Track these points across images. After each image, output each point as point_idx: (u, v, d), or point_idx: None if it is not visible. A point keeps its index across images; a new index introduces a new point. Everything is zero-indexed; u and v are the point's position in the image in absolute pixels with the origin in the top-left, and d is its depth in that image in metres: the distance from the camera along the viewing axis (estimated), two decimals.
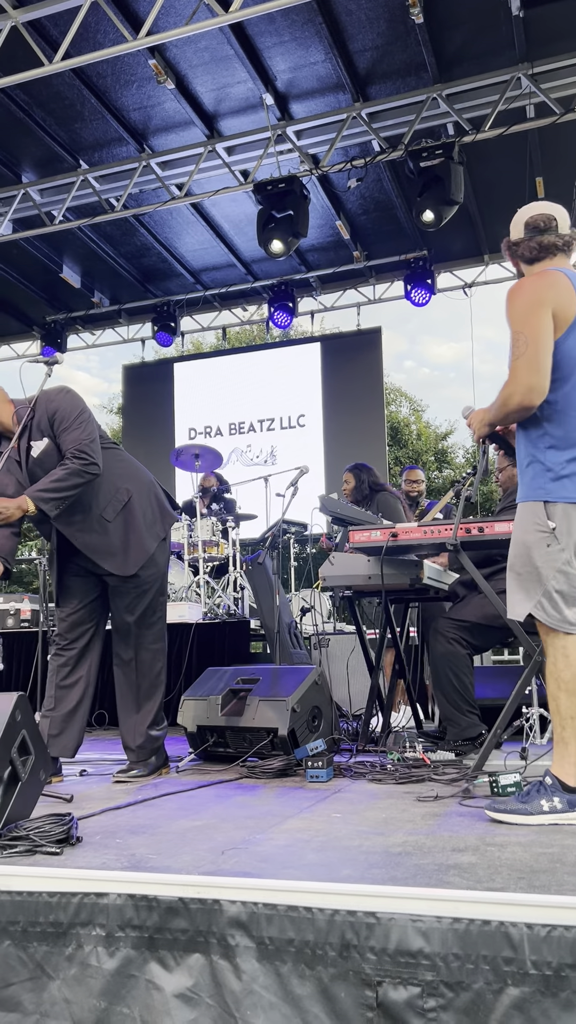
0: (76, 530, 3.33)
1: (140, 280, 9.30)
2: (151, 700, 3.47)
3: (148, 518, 3.44)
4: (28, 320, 10.12)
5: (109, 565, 3.35)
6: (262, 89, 6.20)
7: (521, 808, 2.36)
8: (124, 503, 3.38)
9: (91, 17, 5.29)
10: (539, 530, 2.43)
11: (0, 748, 2.25)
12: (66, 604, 3.48)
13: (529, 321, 2.36)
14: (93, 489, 3.31)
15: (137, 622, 3.44)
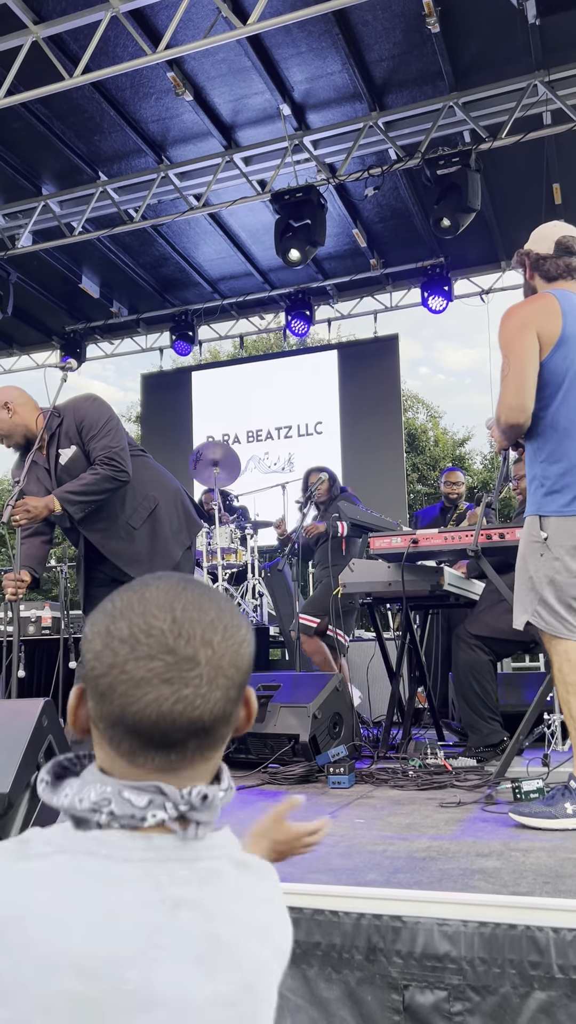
0: (103, 536, 3.36)
1: (158, 290, 9.37)
2: None
3: (174, 526, 3.46)
4: (48, 330, 10.22)
5: (135, 572, 3.36)
6: (279, 100, 6.25)
7: (545, 811, 2.37)
8: (151, 510, 3.41)
9: (110, 32, 5.36)
10: (533, 541, 2.49)
11: (27, 753, 2.28)
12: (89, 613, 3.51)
13: (513, 344, 2.45)
14: (120, 496, 3.34)
15: None
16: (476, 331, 39.02)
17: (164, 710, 0.72)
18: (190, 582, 0.80)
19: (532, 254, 2.61)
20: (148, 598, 0.77)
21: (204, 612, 0.76)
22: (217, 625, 0.76)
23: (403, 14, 5.45)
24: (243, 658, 0.78)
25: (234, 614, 0.79)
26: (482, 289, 9.03)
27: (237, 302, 9.67)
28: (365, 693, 5.27)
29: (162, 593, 0.77)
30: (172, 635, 0.74)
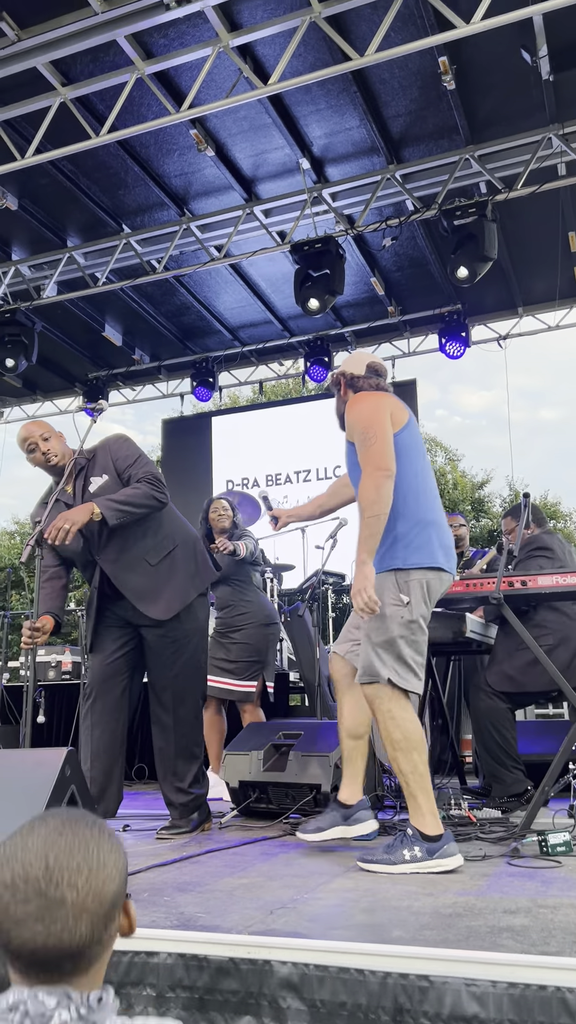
0: (119, 568, 3.36)
1: (179, 337, 9.53)
2: (191, 758, 3.45)
3: (190, 570, 3.48)
4: (71, 377, 10.39)
5: (144, 607, 3.36)
6: (299, 154, 6.41)
7: (385, 859, 2.54)
8: (169, 550, 3.44)
9: (136, 92, 5.54)
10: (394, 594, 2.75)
11: (50, 804, 2.28)
12: (99, 653, 3.46)
13: (374, 420, 2.79)
14: (142, 531, 3.38)
15: (175, 678, 3.41)
16: (492, 373, 39.29)
17: (39, 943, 0.91)
18: (67, 827, 0.97)
19: (348, 374, 3.07)
20: (29, 846, 0.94)
21: (72, 858, 0.94)
22: (83, 868, 0.94)
23: (419, 72, 5.61)
24: (106, 894, 0.95)
25: (101, 855, 0.96)
26: (499, 335, 9.11)
27: (257, 349, 9.80)
28: None
29: (40, 841, 0.94)
30: (44, 881, 0.91)
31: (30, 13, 5.06)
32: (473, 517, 21.30)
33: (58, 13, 5.03)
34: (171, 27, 5.11)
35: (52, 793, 2.29)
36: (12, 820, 2.19)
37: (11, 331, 7.84)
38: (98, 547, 3.37)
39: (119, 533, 3.34)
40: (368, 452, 2.75)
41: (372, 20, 4.98)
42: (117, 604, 3.43)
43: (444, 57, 5.28)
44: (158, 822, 3.69)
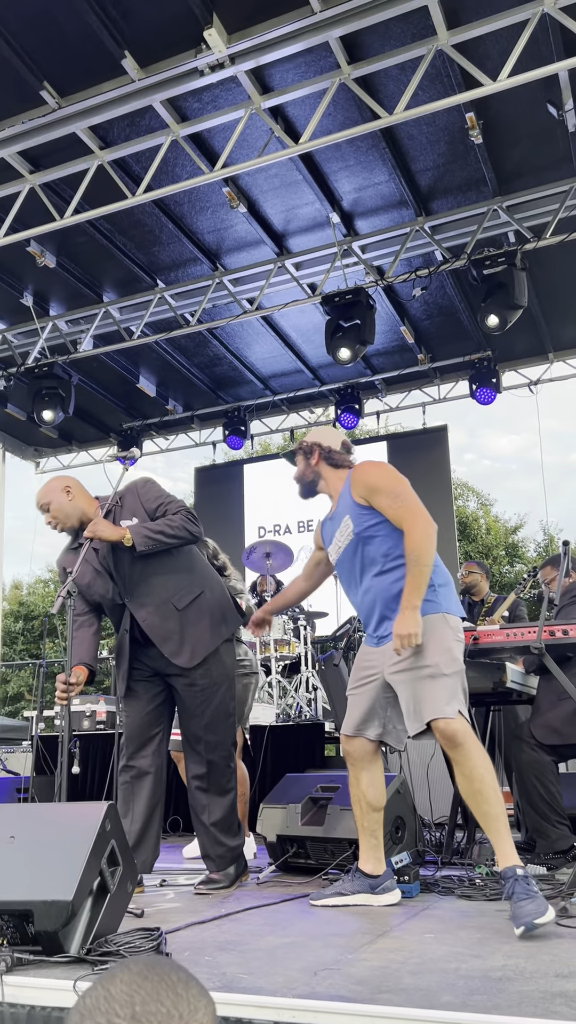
0: (147, 611, 3.37)
1: (212, 387, 9.67)
2: (227, 810, 3.41)
3: (215, 617, 3.46)
4: (106, 427, 10.56)
5: (169, 652, 3.35)
6: (328, 209, 6.55)
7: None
8: (196, 596, 3.43)
9: (170, 153, 5.72)
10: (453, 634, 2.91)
11: (90, 860, 2.26)
12: (133, 705, 3.47)
13: (401, 478, 3.02)
14: (170, 575, 3.39)
15: (206, 728, 3.38)
16: (522, 417, 39.22)
17: None
18: (152, 971, 0.88)
19: (325, 446, 3.30)
20: (112, 995, 0.85)
21: (161, 1003, 0.84)
22: (173, 1015, 0.84)
23: (447, 127, 5.73)
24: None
25: (191, 999, 0.86)
26: (530, 380, 9.12)
27: (288, 398, 9.91)
28: (425, 793, 5.11)
29: (124, 989, 0.85)
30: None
31: (70, 82, 5.26)
32: (507, 562, 21.09)
33: (97, 81, 5.23)
34: (205, 91, 5.28)
35: (92, 849, 2.26)
36: (53, 877, 2.18)
37: (49, 384, 8.01)
38: (127, 589, 3.39)
39: (147, 576, 3.36)
40: (408, 506, 2.92)
41: (400, 79, 5.12)
42: (146, 653, 3.43)
43: (471, 113, 5.40)
44: (195, 876, 3.64)
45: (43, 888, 2.19)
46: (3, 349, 8.47)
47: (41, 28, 4.87)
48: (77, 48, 4.99)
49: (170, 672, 3.42)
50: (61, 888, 2.18)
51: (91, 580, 3.39)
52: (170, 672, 3.42)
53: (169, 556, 3.41)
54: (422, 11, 4.69)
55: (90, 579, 3.39)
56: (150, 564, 3.37)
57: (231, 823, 3.42)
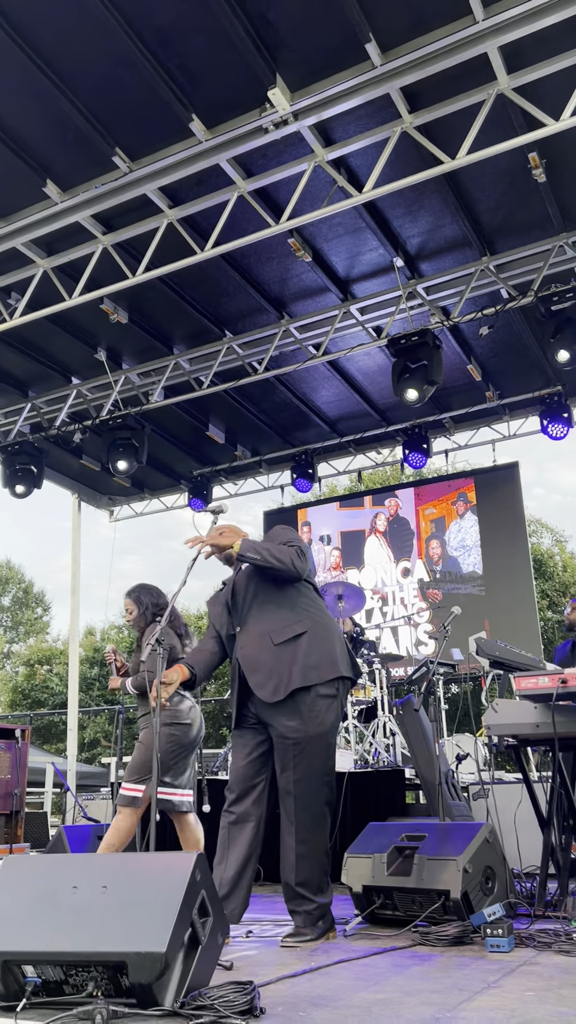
0: (246, 639, 3.49)
1: (279, 432, 9.77)
2: (316, 870, 3.35)
3: (311, 660, 3.41)
4: (176, 475, 10.75)
5: (254, 682, 3.41)
6: (392, 253, 6.62)
7: None
8: (296, 635, 3.44)
9: (237, 208, 5.88)
10: None
11: (182, 911, 2.25)
12: (236, 755, 3.55)
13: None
14: (275, 609, 3.49)
15: (295, 782, 3.35)
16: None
17: None
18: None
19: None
20: None
21: None
22: None
23: (509, 167, 5.75)
24: None
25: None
26: None
27: (355, 439, 9.94)
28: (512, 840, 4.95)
29: None
30: None
31: (140, 145, 5.48)
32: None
33: (166, 143, 5.44)
34: (269, 147, 5.43)
35: (183, 900, 2.25)
36: (145, 928, 2.18)
37: (123, 435, 8.22)
38: (240, 619, 3.55)
39: (256, 609, 3.50)
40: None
41: (461, 124, 5.17)
42: (251, 698, 3.47)
43: (534, 152, 5.42)
44: (281, 928, 3.59)
45: (136, 939, 2.19)
46: (79, 403, 8.74)
47: (112, 96, 5.10)
48: (146, 113, 5.20)
49: (269, 720, 3.44)
50: (154, 940, 2.17)
51: (220, 615, 3.65)
52: (269, 720, 3.44)
53: (277, 591, 3.52)
54: (481, 57, 4.75)
55: (220, 614, 3.65)
56: (259, 596, 3.53)
57: (321, 883, 3.36)
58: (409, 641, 9.51)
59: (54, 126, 5.30)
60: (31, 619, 31.06)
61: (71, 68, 4.91)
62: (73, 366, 8.34)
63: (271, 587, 3.52)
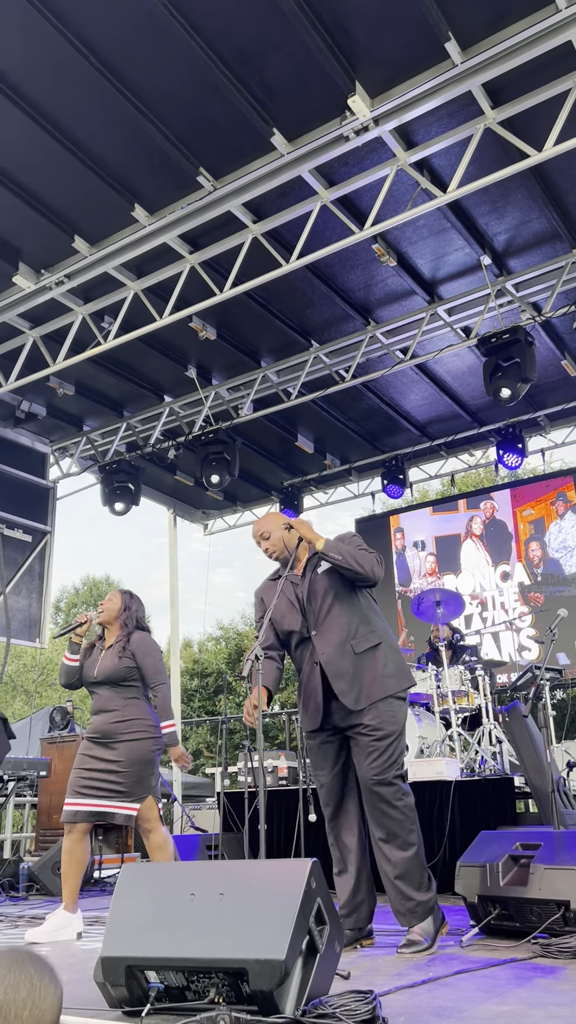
0: (327, 646, 3.49)
1: (368, 439, 9.74)
2: (412, 863, 3.36)
3: (388, 669, 3.51)
4: (267, 486, 10.85)
5: (339, 689, 3.43)
6: (479, 252, 6.52)
7: None
8: (373, 644, 3.52)
9: (320, 218, 5.90)
10: None
11: (299, 919, 2.25)
12: (321, 772, 3.61)
13: None
14: (351, 619, 3.52)
15: (380, 781, 3.38)
16: None
17: None
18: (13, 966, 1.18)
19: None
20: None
21: (18, 993, 1.15)
22: (27, 1003, 1.15)
23: None
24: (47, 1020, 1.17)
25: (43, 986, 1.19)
26: None
27: (446, 442, 9.81)
28: None
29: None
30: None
31: (223, 164, 5.58)
32: None
33: (248, 159, 5.51)
34: (350, 154, 5.44)
35: (300, 908, 2.25)
36: (264, 935, 2.18)
37: (215, 450, 8.36)
38: (315, 623, 3.53)
39: (334, 614, 3.52)
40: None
41: (546, 116, 5.06)
42: (327, 707, 3.50)
43: None
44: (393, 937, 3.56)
45: (255, 947, 2.20)
46: (171, 420, 8.93)
47: (195, 118, 5.21)
48: (228, 132, 5.30)
49: (346, 724, 3.49)
50: (273, 947, 2.18)
51: (285, 612, 3.59)
52: (346, 724, 3.49)
53: (351, 597, 3.57)
54: (564, 46, 4.64)
55: (284, 611, 3.59)
56: (336, 601, 3.53)
57: (420, 877, 3.36)
58: (512, 646, 9.30)
59: (140, 152, 5.45)
60: None
61: (156, 95, 5.04)
62: (165, 384, 8.53)
63: (346, 592, 3.57)
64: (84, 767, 4.15)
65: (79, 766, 4.18)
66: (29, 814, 8.30)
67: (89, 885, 6.37)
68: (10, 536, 8.87)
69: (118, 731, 4.16)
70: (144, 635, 4.37)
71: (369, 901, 3.50)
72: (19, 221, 6.01)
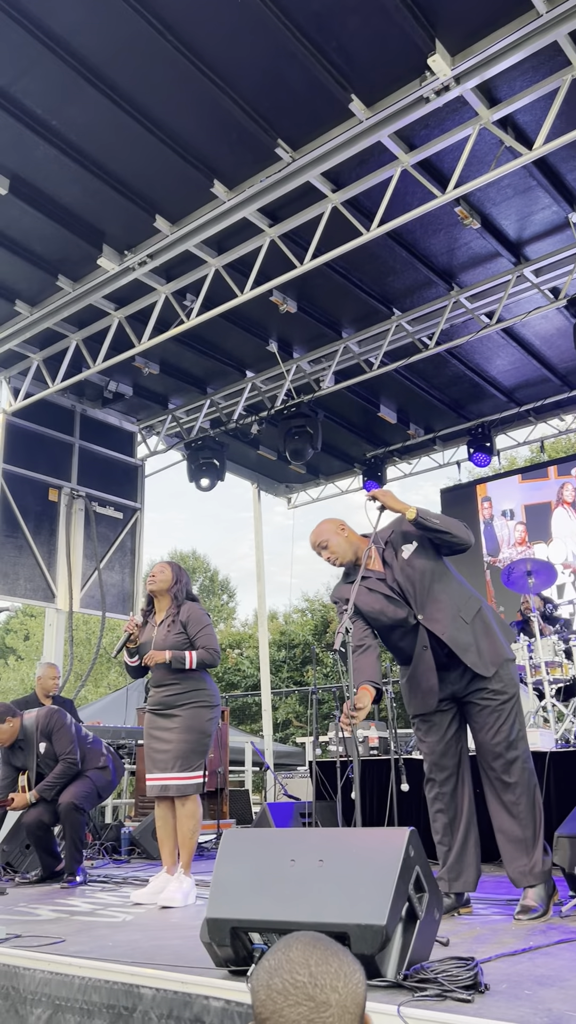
0: (442, 625, 3.46)
1: (453, 407, 9.59)
2: (534, 827, 3.36)
3: (496, 631, 3.53)
4: (349, 458, 10.81)
5: (471, 661, 3.41)
6: (568, 209, 6.30)
7: None
8: (477, 610, 3.52)
9: (400, 183, 5.80)
10: None
11: (399, 885, 2.28)
12: (430, 738, 3.58)
13: None
14: (451, 590, 3.52)
15: (508, 745, 3.38)
16: None
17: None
18: (319, 941, 1.15)
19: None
20: (292, 958, 1.12)
21: (330, 965, 1.11)
22: (340, 974, 1.10)
23: None
24: (359, 995, 1.11)
25: (351, 963, 1.13)
26: None
27: (535, 407, 9.57)
28: None
29: (300, 953, 1.12)
30: (311, 986, 1.08)
31: (301, 134, 5.52)
32: None
33: (326, 128, 5.44)
34: (431, 116, 5.31)
35: (399, 875, 2.28)
36: (364, 901, 2.22)
37: (297, 423, 8.38)
38: (419, 606, 3.50)
39: (435, 592, 3.50)
40: None
41: None
42: (441, 677, 3.48)
43: None
44: (492, 907, 3.56)
45: (356, 912, 2.24)
46: (254, 395, 8.98)
47: (272, 89, 5.17)
48: (305, 100, 5.23)
49: (467, 692, 3.48)
50: (374, 913, 2.22)
51: (383, 607, 3.51)
52: (467, 692, 3.48)
53: (446, 572, 3.57)
54: None
55: (381, 606, 3.51)
56: (436, 581, 3.52)
57: (539, 842, 3.38)
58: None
59: (218, 127, 5.44)
60: (218, 606, 32.39)
61: (232, 67, 5.02)
62: (247, 360, 8.58)
63: (439, 567, 3.56)
64: (149, 744, 4.31)
65: (146, 742, 4.35)
66: (128, 781, 8.60)
67: None
68: (102, 514, 9.13)
69: (176, 702, 4.28)
70: (193, 604, 4.50)
71: (474, 869, 3.50)
72: (102, 203, 6.11)
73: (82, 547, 8.84)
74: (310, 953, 1.12)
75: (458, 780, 3.54)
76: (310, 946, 1.14)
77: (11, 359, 8.11)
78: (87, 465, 9.05)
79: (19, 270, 6.87)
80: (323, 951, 1.13)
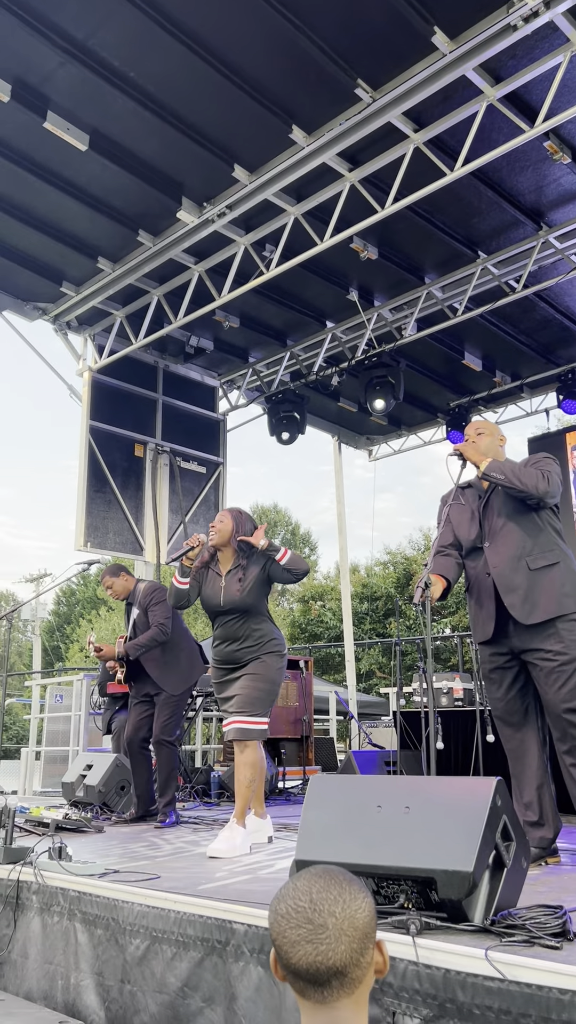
0: (499, 559, 3.49)
1: (541, 352, 9.27)
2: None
3: (567, 588, 3.43)
4: (432, 408, 10.63)
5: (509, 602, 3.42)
6: None
7: None
8: (551, 563, 3.45)
9: (486, 119, 5.56)
10: None
11: (486, 833, 2.29)
12: (493, 694, 3.60)
13: None
14: (528, 535, 3.48)
15: (570, 709, 3.33)
16: None
17: (310, 960, 1.21)
18: (325, 873, 1.28)
19: None
20: (298, 886, 1.27)
21: (330, 892, 1.25)
22: (339, 900, 1.24)
23: None
24: (359, 920, 1.24)
25: (352, 892, 1.26)
26: None
27: None
28: None
29: (304, 882, 1.27)
30: (310, 911, 1.23)
31: (381, 72, 5.35)
32: None
33: (407, 64, 5.25)
34: (518, 45, 5.05)
35: (487, 822, 2.29)
36: (451, 848, 2.24)
37: (378, 374, 8.26)
38: (489, 532, 3.54)
39: (510, 529, 3.49)
40: None
41: None
42: (503, 630, 3.47)
43: None
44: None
45: (444, 858, 2.26)
46: (334, 346, 8.89)
47: (350, 25, 4.99)
48: (386, 36, 5.05)
49: (525, 648, 3.44)
50: (461, 859, 2.23)
51: (464, 521, 3.65)
52: (525, 648, 3.44)
53: (527, 514, 3.52)
54: None
55: (464, 520, 3.65)
56: (512, 517, 3.51)
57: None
58: None
59: (296, 69, 5.31)
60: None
61: (308, 4, 4.87)
62: (327, 310, 8.47)
63: (524, 510, 3.52)
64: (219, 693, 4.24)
65: (217, 692, 4.28)
66: (216, 727, 8.85)
67: (274, 795, 6.76)
68: (186, 468, 9.26)
69: (245, 657, 4.14)
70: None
71: (554, 821, 3.49)
72: (180, 155, 6.07)
73: (167, 501, 9.01)
74: (314, 882, 1.26)
75: (525, 736, 3.51)
76: (316, 876, 1.27)
77: (95, 316, 8.23)
78: (171, 420, 9.17)
79: (100, 227, 6.92)
80: (327, 880, 1.26)
